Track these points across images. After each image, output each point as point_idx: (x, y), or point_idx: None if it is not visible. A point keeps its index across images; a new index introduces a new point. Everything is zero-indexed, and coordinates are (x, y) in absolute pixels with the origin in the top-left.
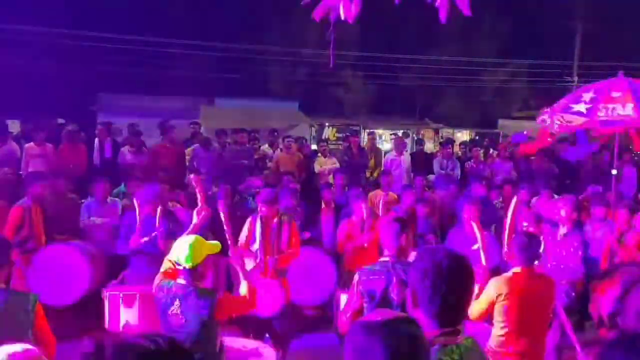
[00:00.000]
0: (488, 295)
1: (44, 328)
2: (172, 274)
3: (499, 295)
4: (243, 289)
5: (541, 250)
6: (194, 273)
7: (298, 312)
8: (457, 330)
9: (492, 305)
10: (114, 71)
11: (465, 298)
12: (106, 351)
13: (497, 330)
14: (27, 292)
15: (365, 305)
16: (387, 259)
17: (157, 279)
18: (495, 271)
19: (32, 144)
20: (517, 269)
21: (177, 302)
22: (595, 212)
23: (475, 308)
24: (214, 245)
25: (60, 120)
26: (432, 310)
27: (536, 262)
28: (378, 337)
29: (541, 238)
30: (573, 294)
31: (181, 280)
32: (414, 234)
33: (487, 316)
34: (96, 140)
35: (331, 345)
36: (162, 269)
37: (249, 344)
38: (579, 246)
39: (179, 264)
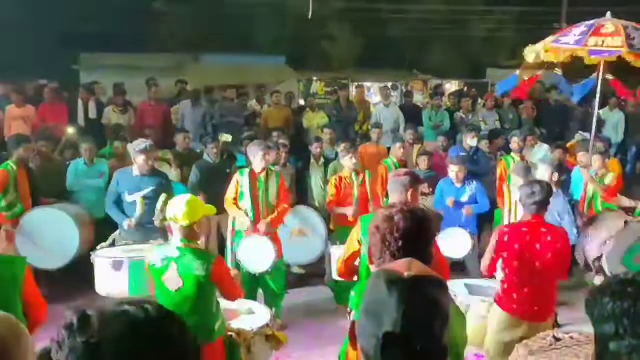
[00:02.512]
0: (492, 246)
1: (34, 292)
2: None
3: (503, 242)
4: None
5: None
6: (189, 231)
7: (289, 268)
8: None
9: (498, 255)
10: (96, 29)
11: (417, 254)
12: (92, 320)
13: (502, 278)
14: (14, 257)
15: (362, 252)
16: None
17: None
18: (486, 219)
19: (13, 106)
20: (524, 218)
21: (173, 264)
22: (580, 158)
23: (483, 262)
24: (210, 208)
25: (42, 81)
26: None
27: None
28: (396, 293)
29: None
30: None
31: (176, 241)
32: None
33: (496, 268)
34: (80, 101)
35: (323, 300)
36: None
37: (243, 303)
38: (564, 209)
39: (175, 222)
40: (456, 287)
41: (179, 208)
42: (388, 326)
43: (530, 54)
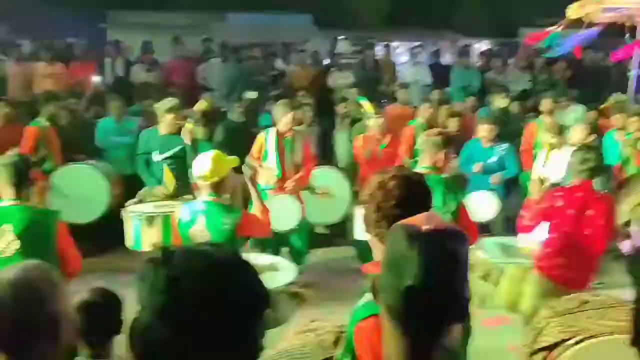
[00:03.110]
0: (539, 208)
1: (68, 244)
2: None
3: (554, 207)
4: (256, 210)
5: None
6: (216, 186)
7: (313, 227)
8: None
9: (544, 215)
10: None
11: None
12: (174, 256)
13: (547, 243)
14: (47, 209)
15: None
16: (422, 170)
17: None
18: (513, 181)
19: (42, 63)
20: (574, 182)
21: (201, 218)
22: (615, 121)
23: (523, 221)
24: (234, 159)
25: (70, 39)
26: (379, 234)
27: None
28: (416, 247)
29: (562, 152)
30: None
31: (204, 196)
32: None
33: (534, 226)
34: (107, 59)
35: (347, 259)
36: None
37: (267, 259)
38: None
39: (201, 179)
40: (489, 247)
41: (205, 164)
42: (409, 280)
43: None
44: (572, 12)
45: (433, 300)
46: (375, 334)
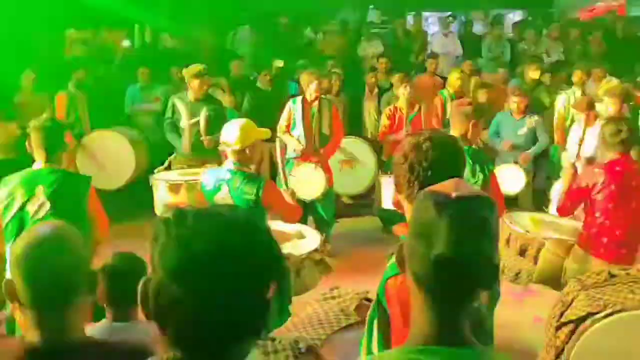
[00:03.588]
0: (579, 187)
1: (97, 208)
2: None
3: (595, 184)
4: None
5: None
6: (242, 155)
7: (338, 197)
8: None
9: (585, 194)
10: None
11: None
12: (187, 216)
13: (591, 220)
14: (78, 174)
15: None
16: None
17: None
18: (543, 154)
19: (72, 30)
20: (613, 156)
21: (224, 186)
22: None
23: (562, 203)
24: (264, 131)
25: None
26: (410, 195)
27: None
28: (445, 214)
29: (593, 127)
30: None
31: (229, 164)
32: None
33: (575, 208)
34: (136, 25)
35: (372, 229)
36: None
37: (294, 226)
38: None
39: (227, 146)
40: (524, 221)
41: (232, 132)
42: (438, 248)
43: None
44: None
45: (462, 269)
46: (405, 290)
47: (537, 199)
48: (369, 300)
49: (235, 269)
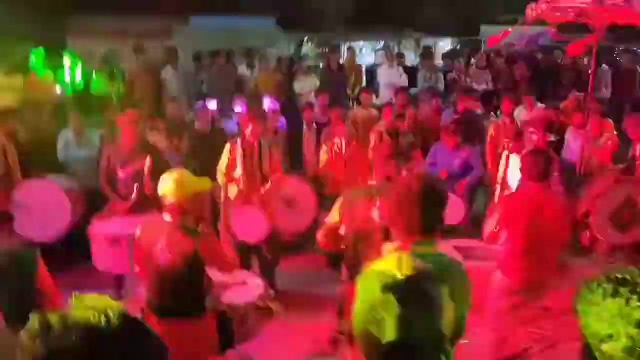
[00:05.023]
0: (497, 216)
1: (48, 283)
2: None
3: (511, 214)
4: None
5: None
6: (179, 209)
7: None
8: (429, 242)
9: (505, 225)
10: None
11: (434, 219)
12: (52, 326)
13: (505, 246)
14: (24, 250)
15: (344, 225)
16: (375, 183)
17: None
18: (478, 184)
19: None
20: (527, 185)
21: (163, 240)
22: (573, 120)
23: (486, 230)
24: (202, 182)
25: (29, 44)
26: (399, 227)
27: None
28: (392, 294)
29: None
30: None
31: (167, 217)
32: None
33: (499, 238)
34: (67, 68)
35: (316, 266)
36: None
37: (236, 275)
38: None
39: (164, 198)
40: (453, 251)
41: (167, 184)
42: (389, 333)
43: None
44: (531, 12)
45: (410, 341)
46: None
47: (476, 226)
48: None
49: None
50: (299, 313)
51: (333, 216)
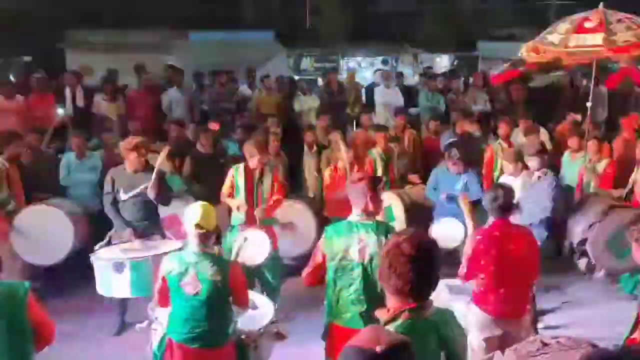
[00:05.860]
0: (468, 255)
1: (40, 314)
2: None
3: (480, 251)
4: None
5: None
6: (207, 238)
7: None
8: (421, 306)
9: (475, 263)
10: (81, 5)
11: (424, 281)
12: None
13: (478, 279)
14: (15, 283)
15: (327, 263)
16: (354, 219)
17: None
18: (476, 206)
19: (1, 97)
20: (491, 221)
21: (191, 270)
22: (571, 143)
23: (461, 270)
24: (216, 210)
25: (27, 58)
26: (391, 289)
27: (512, 213)
28: None
29: (517, 181)
30: (546, 233)
31: (193, 247)
32: (393, 173)
33: (473, 275)
34: (67, 88)
35: (317, 288)
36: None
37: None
38: (550, 188)
39: (197, 228)
40: (438, 288)
41: (195, 215)
42: None
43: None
44: (529, 56)
45: None
46: None
47: None
48: None
49: None
50: (302, 337)
51: (316, 256)
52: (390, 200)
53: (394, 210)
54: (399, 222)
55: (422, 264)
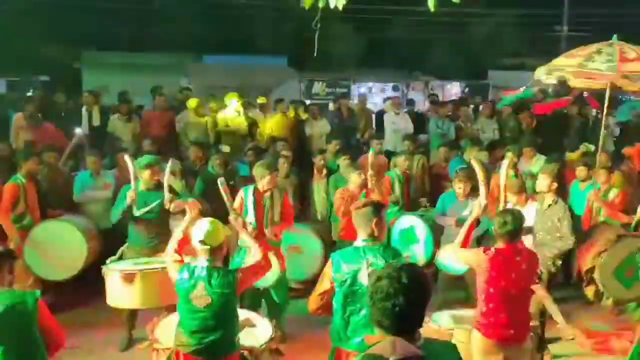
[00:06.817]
0: (468, 259)
1: (49, 322)
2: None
3: (479, 267)
4: (256, 255)
5: (526, 224)
6: (215, 253)
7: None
8: (412, 339)
9: (480, 282)
10: (98, 27)
11: (418, 310)
12: None
13: (480, 303)
14: (25, 292)
15: (335, 289)
16: (360, 244)
17: (172, 266)
18: (485, 236)
19: (20, 115)
20: (499, 246)
21: (201, 283)
22: (579, 172)
23: (462, 256)
24: (226, 229)
25: (44, 78)
26: (384, 322)
27: (522, 238)
28: None
29: (525, 208)
30: (559, 262)
31: (202, 262)
32: (408, 196)
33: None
34: (84, 108)
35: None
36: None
37: (242, 314)
38: (564, 216)
39: (202, 244)
40: (442, 318)
41: (204, 231)
42: None
43: (546, 75)
44: (544, 76)
45: None
46: None
47: None
48: None
49: None
50: (307, 357)
51: (323, 283)
52: (411, 222)
53: (416, 230)
54: (421, 243)
55: (416, 296)
